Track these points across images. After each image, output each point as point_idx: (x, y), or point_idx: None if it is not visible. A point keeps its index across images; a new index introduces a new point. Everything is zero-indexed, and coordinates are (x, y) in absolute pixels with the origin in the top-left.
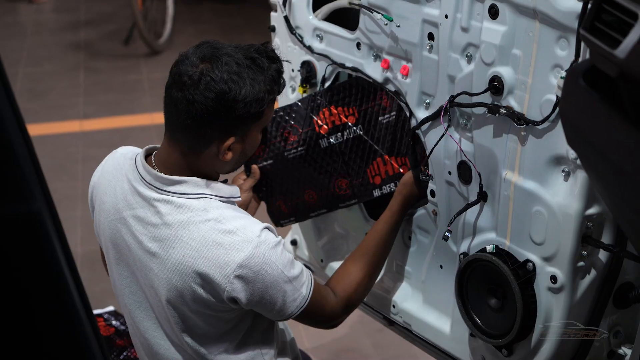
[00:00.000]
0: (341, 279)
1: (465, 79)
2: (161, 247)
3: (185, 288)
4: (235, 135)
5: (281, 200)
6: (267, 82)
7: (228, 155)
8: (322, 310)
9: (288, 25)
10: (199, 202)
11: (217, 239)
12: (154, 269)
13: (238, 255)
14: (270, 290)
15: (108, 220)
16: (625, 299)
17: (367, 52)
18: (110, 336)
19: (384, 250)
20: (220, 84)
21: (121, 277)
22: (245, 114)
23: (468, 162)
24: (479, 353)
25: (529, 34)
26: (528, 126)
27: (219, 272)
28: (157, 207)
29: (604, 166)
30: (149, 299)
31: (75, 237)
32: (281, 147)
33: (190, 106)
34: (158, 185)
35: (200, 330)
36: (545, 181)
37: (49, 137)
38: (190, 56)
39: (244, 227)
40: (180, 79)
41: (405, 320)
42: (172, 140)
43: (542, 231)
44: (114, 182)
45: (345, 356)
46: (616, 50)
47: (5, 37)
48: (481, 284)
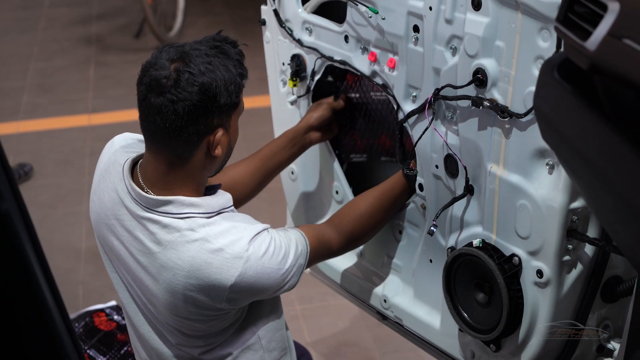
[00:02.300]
0: (347, 213)
1: (450, 72)
2: (152, 264)
3: (180, 305)
4: (222, 126)
5: (357, 135)
6: (236, 66)
7: (218, 150)
8: (325, 254)
9: (277, 19)
10: (185, 222)
11: (206, 259)
12: (145, 281)
13: (229, 274)
14: (270, 288)
15: (97, 222)
16: (613, 293)
17: (355, 45)
18: (111, 331)
19: (394, 201)
20: (200, 77)
21: (112, 270)
22: (228, 102)
23: (454, 155)
24: (468, 348)
25: (511, 25)
26: (512, 119)
27: (212, 294)
28: (144, 224)
29: (576, 161)
30: (144, 302)
31: (79, 232)
32: (369, 87)
33: (176, 106)
34: (144, 204)
35: (199, 332)
36: (529, 174)
37: (56, 131)
38: (158, 61)
39: (232, 242)
40: (157, 83)
41: (396, 315)
42: (158, 154)
43: (527, 225)
44: (103, 186)
45: (346, 350)
46: (586, 42)
47: (18, 31)
48: (468, 278)
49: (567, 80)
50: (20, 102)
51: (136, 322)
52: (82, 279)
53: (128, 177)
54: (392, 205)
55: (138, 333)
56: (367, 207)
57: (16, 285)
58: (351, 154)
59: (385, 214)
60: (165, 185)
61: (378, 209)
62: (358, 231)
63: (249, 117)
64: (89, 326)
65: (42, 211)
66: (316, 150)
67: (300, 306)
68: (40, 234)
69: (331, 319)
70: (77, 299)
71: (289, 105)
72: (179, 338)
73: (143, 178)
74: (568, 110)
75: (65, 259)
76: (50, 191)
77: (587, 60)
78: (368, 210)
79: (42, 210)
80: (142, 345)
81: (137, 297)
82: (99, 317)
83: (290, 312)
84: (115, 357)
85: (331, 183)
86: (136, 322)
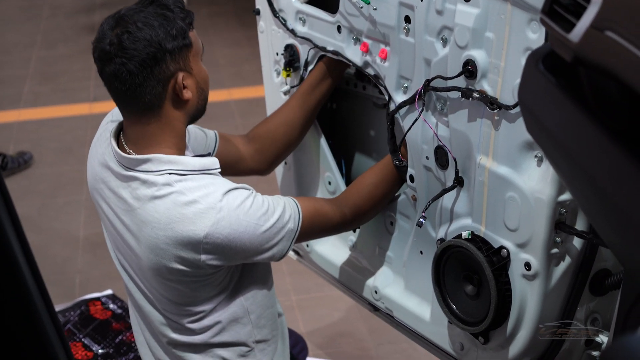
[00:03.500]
0: (352, 187)
1: (440, 63)
2: (133, 222)
3: (161, 264)
4: (181, 69)
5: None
6: (175, 12)
7: (187, 93)
8: (324, 226)
9: (271, 8)
10: (163, 177)
11: (180, 210)
12: (130, 242)
13: (203, 224)
14: (250, 246)
15: (91, 189)
16: (602, 286)
17: (347, 35)
18: (107, 320)
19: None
20: (139, 32)
21: (106, 232)
22: (175, 45)
23: (444, 147)
24: (458, 340)
25: (501, 16)
26: (501, 110)
27: (189, 247)
28: (127, 182)
29: (558, 153)
30: (132, 266)
31: (78, 221)
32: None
33: (128, 66)
34: (126, 164)
35: (185, 299)
36: (518, 166)
37: (57, 119)
38: (101, 34)
39: (206, 195)
40: (104, 53)
41: (387, 306)
42: (132, 114)
43: (515, 217)
44: (93, 153)
45: (340, 341)
46: (570, 34)
47: (22, 20)
48: (457, 270)
49: (551, 72)
50: (22, 91)
51: (130, 288)
52: (80, 267)
53: (113, 141)
54: (397, 177)
55: (133, 299)
56: (372, 179)
57: (3, 283)
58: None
59: (391, 185)
60: (145, 143)
61: (383, 179)
62: (365, 203)
63: (254, 106)
64: (84, 315)
65: (41, 199)
66: (310, 140)
67: (297, 297)
68: (39, 223)
69: (327, 309)
70: (74, 287)
71: (283, 95)
72: (166, 304)
73: (125, 140)
74: (550, 103)
75: (63, 248)
76: (50, 180)
77: (570, 52)
78: (374, 181)
79: (42, 199)
80: (138, 313)
81: (127, 261)
82: (95, 305)
83: (286, 302)
84: (110, 346)
85: (324, 174)
86: (130, 288)
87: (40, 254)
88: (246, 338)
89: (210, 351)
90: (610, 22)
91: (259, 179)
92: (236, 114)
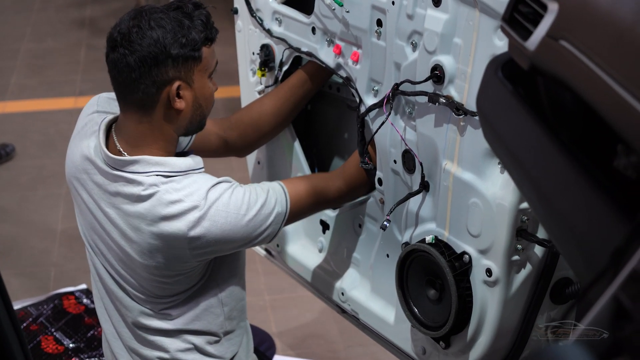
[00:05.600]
0: (350, 161)
1: (410, 67)
2: (119, 216)
3: (149, 259)
4: (180, 79)
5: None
6: (195, 24)
7: (181, 103)
8: (321, 200)
9: (249, 8)
10: (150, 178)
11: (166, 209)
12: (113, 235)
13: (188, 221)
14: (237, 236)
15: (69, 176)
16: (562, 295)
17: (321, 37)
18: (80, 314)
19: None
20: (148, 31)
21: (81, 218)
22: (180, 53)
23: (411, 151)
24: (420, 344)
25: (469, 22)
26: (466, 116)
27: (175, 243)
28: (113, 181)
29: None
30: (112, 256)
31: (57, 215)
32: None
33: (128, 59)
34: (112, 164)
35: (164, 292)
36: (482, 173)
37: (41, 113)
38: (120, 20)
39: (190, 193)
40: (112, 38)
41: (353, 309)
42: (126, 109)
43: (478, 223)
44: (76, 141)
45: (311, 342)
46: (527, 42)
47: (12, 12)
48: (420, 274)
49: (510, 80)
50: (9, 82)
51: (102, 274)
52: (56, 260)
53: (102, 137)
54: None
55: (104, 285)
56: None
57: None
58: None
59: None
60: (136, 142)
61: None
62: (361, 175)
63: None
64: (57, 308)
65: (21, 192)
66: (283, 141)
67: (270, 296)
68: (19, 215)
69: (299, 310)
70: (49, 280)
71: (257, 94)
72: (143, 294)
73: (117, 136)
74: (505, 110)
75: (40, 240)
76: (32, 172)
77: (527, 60)
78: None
79: (22, 192)
80: (109, 298)
81: (106, 249)
82: (69, 299)
83: (259, 302)
84: (81, 340)
85: (296, 174)
86: (102, 274)
87: (17, 246)
88: (217, 329)
89: (180, 336)
90: (565, 32)
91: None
92: (221, 112)
